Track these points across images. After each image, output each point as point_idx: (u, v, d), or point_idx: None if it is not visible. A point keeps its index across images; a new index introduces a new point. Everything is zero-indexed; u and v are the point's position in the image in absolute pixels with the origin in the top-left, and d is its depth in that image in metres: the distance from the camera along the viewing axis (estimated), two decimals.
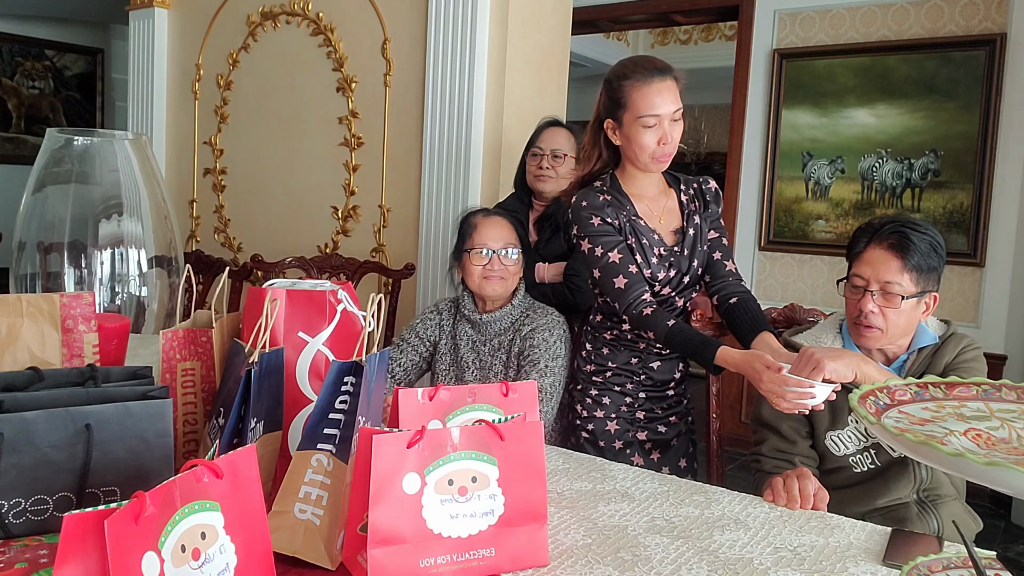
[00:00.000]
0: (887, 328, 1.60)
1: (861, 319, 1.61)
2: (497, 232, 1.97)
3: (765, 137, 4.42)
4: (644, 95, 1.78)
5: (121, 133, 1.76)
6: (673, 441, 1.98)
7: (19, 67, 6.29)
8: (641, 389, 1.94)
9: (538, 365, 1.88)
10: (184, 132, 3.97)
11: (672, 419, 1.96)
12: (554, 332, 1.93)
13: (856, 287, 1.64)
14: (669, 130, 1.80)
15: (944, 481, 1.65)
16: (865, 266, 1.63)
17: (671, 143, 1.81)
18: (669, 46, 7.42)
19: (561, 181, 2.48)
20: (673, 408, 1.98)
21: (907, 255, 1.58)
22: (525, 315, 1.98)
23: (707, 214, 1.94)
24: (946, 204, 3.98)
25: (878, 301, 1.60)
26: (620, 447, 1.92)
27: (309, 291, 1.21)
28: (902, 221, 1.63)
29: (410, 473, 0.95)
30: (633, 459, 1.92)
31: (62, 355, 1.28)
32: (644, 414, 1.95)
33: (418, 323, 2.08)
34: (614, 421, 1.93)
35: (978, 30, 3.86)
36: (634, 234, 1.86)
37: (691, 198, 1.94)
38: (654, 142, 1.80)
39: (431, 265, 3.04)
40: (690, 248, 1.90)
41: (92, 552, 0.65)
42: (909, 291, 1.58)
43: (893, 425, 0.69)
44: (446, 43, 2.92)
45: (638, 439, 1.94)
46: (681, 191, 1.95)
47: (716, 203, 1.97)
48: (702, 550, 1.10)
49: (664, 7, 4.87)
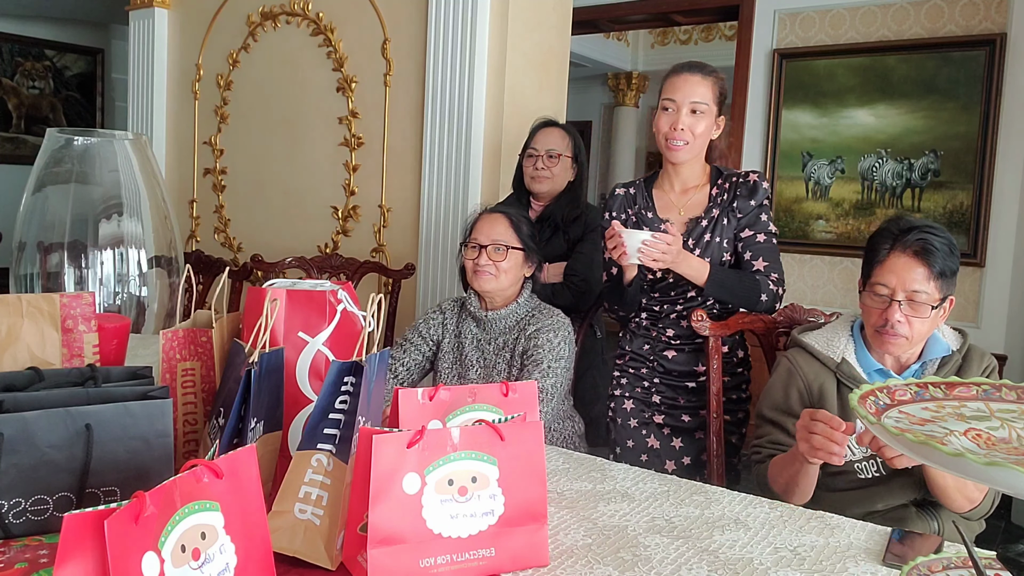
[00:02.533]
0: (912, 336, 1.56)
1: (887, 328, 1.56)
2: (489, 228, 1.98)
3: (765, 137, 4.42)
4: (669, 83, 1.98)
5: (121, 133, 1.76)
6: (697, 433, 2.04)
7: (19, 67, 6.29)
8: (656, 375, 2.06)
9: (541, 365, 1.88)
10: (184, 132, 3.97)
11: (701, 412, 2.02)
12: (559, 333, 1.93)
13: (880, 296, 1.58)
14: (686, 119, 1.93)
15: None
16: (889, 275, 1.56)
17: (685, 132, 1.93)
18: (669, 46, 7.43)
19: (557, 181, 2.47)
20: (696, 400, 2.04)
21: (932, 262, 1.53)
22: (531, 315, 1.98)
23: (737, 207, 1.98)
24: (946, 204, 3.98)
25: (905, 311, 1.55)
26: (635, 426, 2.08)
27: (309, 291, 1.21)
28: (922, 226, 1.57)
29: (410, 473, 0.95)
30: (648, 440, 2.06)
31: (62, 355, 1.28)
32: (660, 398, 2.06)
33: (421, 323, 2.08)
34: (630, 400, 2.09)
35: (978, 30, 3.86)
36: (637, 227, 2.02)
37: (723, 191, 2.01)
38: (667, 126, 1.95)
39: (431, 265, 3.04)
40: (696, 238, 1.97)
41: (92, 552, 0.65)
42: (935, 298, 1.54)
43: (893, 425, 0.69)
44: (446, 43, 2.92)
45: (655, 421, 2.07)
46: (717, 184, 2.02)
47: (751, 196, 1.98)
48: (702, 550, 1.10)
49: (664, 7, 4.88)
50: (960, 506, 1.52)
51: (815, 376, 1.67)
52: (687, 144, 1.95)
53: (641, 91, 8.20)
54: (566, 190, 2.49)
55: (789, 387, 1.69)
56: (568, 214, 2.44)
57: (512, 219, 2.00)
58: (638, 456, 2.06)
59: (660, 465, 2.05)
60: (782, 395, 1.69)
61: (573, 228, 2.45)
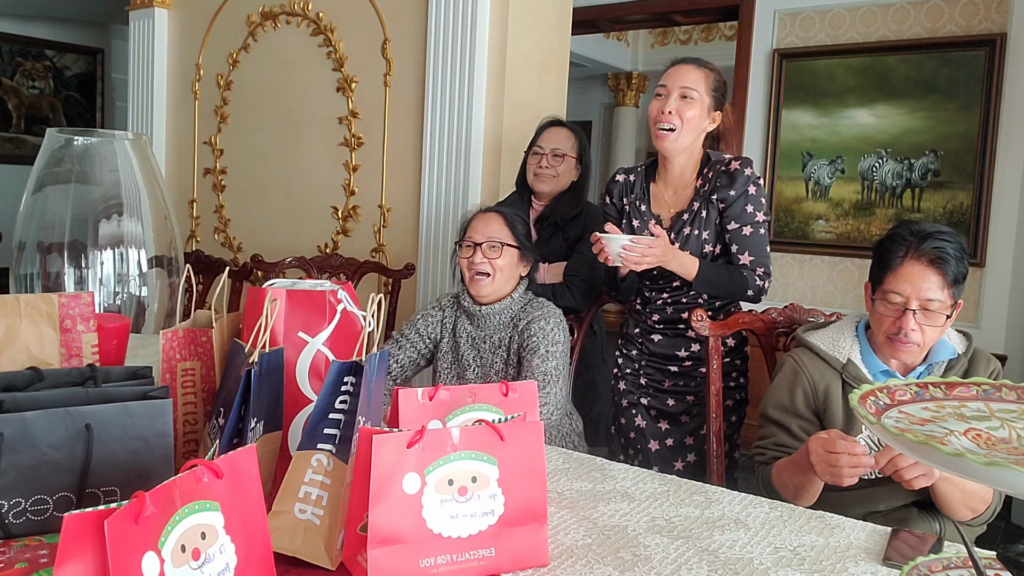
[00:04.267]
0: (924, 342, 1.56)
1: (900, 336, 1.55)
2: (484, 226, 1.98)
3: (765, 137, 4.42)
4: (664, 74, 2.03)
5: (121, 133, 1.76)
6: (683, 417, 2.10)
7: (19, 67, 6.29)
8: (643, 357, 2.15)
9: (538, 351, 1.89)
10: (184, 132, 3.97)
11: (688, 398, 2.08)
12: (550, 321, 1.94)
13: (893, 304, 1.56)
14: (674, 103, 1.96)
15: None
16: (904, 283, 1.54)
17: (672, 115, 1.96)
18: (669, 46, 7.43)
19: (561, 180, 2.47)
20: (683, 385, 2.10)
21: (947, 269, 1.52)
22: (523, 310, 1.99)
23: (718, 198, 1.99)
24: (946, 204, 3.98)
25: (919, 319, 1.53)
26: (626, 405, 2.19)
27: (309, 291, 1.21)
28: (936, 232, 1.55)
29: (410, 473, 0.95)
30: (636, 419, 2.15)
31: (60, 355, 1.28)
32: (647, 380, 2.14)
33: (419, 319, 2.07)
34: (623, 380, 2.20)
35: (978, 30, 3.86)
36: (628, 216, 2.11)
37: (706, 180, 2.02)
38: (656, 111, 2.00)
39: (431, 265, 3.04)
40: (677, 231, 2.03)
41: (92, 552, 0.65)
42: (948, 306, 1.53)
43: (893, 425, 0.69)
44: (446, 43, 2.92)
45: (642, 403, 2.15)
46: (702, 174, 2.04)
47: (731, 185, 1.98)
48: (702, 550, 1.10)
49: (664, 7, 4.88)
50: (963, 516, 1.52)
51: (820, 376, 1.66)
52: (674, 131, 1.97)
53: (641, 91, 8.20)
54: (568, 190, 2.49)
55: (794, 387, 1.68)
56: (567, 213, 2.45)
57: (507, 217, 2.01)
58: (627, 434, 2.17)
59: (645, 444, 2.14)
60: (787, 395, 1.69)
61: (572, 227, 2.45)
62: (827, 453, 1.40)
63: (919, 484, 1.40)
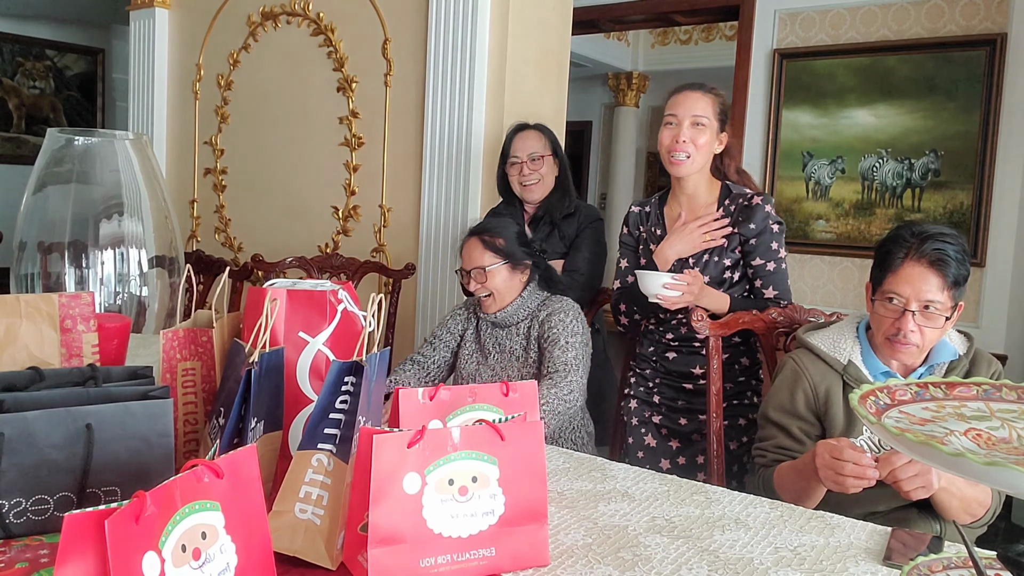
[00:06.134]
0: (923, 344, 1.56)
1: (899, 338, 1.55)
2: (467, 255, 2.06)
3: (765, 137, 4.42)
4: (671, 100, 2.06)
5: (122, 133, 1.76)
6: (694, 436, 2.11)
7: (20, 67, 6.28)
8: (658, 375, 2.15)
9: (559, 342, 1.97)
10: (184, 132, 3.97)
11: (701, 416, 2.07)
12: (569, 313, 2.02)
13: (893, 305, 1.56)
14: (687, 131, 1.99)
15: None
16: (904, 284, 1.53)
17: (687, 144, 2.00)
18: (669, 46, 7.43)
19: (546, 182, 2.49)
20: (696, 404, 2.09)
21: (947, 271, 1.51)
22: (541, 304, 2.07)
23: (739, 231, 2.04)
24: (946, 204, 3.98)
25: (918, 320, 1.53)
26: (636, 424, 2.17)
27: (309, 291, 1.21)
28: (937, 234, 1.54)
29: (410, 473, 0.95)
30: (646, 439, 2.14)
31: (60, 355, 1.28)
32: (660, 399, 2.14)
33: (448, 319, 2.18)
34: (635, 400, 2.19)
35: (978, 30, 3.86)
36: (646, 243, 2.15)
37: (728, 213, 2.06)
38: (669, 139, 2.03)
39: (431, 265, 3.04)
40: (697, 255, 2.06)
41: (92, 552, 0.65)
42: (948, 307, 1.53)
43: (893, 425, 0.69)
44: (446, 43, 2.92)
45: (653, 422, 2.15)
46: (724, 205, 2.07)
47: (750, 220, 2.03)
48: (702, 550, 1.10)
49: (664, 7, 4.88)
50: (962, 521, 1.52)
51: (821, 378, 1.66)
52: (689, 157, 2.02)
53: (641, 91, 8.20)
54: (556, 187, 2.51)
55: (795, 389, 1.68)
56: (561, 210, 2.46)
57: (484, 240, 2.04)
58: (636, 453, 2.17)
59: (656, 463, 2.14)
60: (788, 397, 1.68)
61: (567, 225, 2.46)
62: (833, 460, 1.40)
63: (917, 496, 1.40)
